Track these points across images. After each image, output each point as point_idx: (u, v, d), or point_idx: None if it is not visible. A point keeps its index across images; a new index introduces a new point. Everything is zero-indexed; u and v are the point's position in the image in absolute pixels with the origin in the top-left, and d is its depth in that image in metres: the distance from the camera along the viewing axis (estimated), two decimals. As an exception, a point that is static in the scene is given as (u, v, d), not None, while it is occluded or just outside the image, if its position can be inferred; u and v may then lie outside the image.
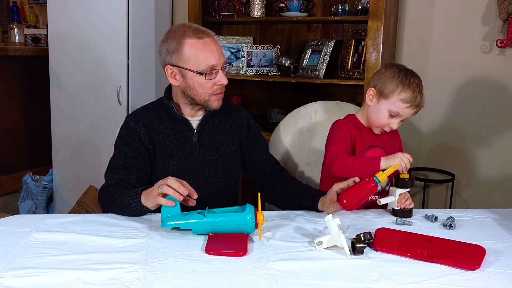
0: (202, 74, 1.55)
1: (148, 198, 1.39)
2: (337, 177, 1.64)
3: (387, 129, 1.63)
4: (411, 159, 1.48)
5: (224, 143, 1.70)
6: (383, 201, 1.52)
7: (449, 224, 1.42)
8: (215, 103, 1.61)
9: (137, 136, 1.61)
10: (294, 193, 1.63)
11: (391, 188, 1.54)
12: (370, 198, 1.64)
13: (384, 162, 1.47)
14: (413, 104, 1.58)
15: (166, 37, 1.59)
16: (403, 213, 1.51)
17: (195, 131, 1.65)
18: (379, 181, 1.41)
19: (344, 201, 1.41)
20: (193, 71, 1.55)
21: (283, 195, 1.67)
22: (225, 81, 1.59)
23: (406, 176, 1.51)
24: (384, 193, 1.67)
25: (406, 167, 1.47)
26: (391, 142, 1.70)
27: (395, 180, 1.53)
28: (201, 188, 1.53)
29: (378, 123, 1.63)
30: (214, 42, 1.57)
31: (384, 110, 1.60)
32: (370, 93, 1.64)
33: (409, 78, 1.59)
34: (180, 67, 1.56)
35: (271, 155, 1.82)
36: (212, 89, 1.58)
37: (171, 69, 1.58)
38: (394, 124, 1.61)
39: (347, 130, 1.65)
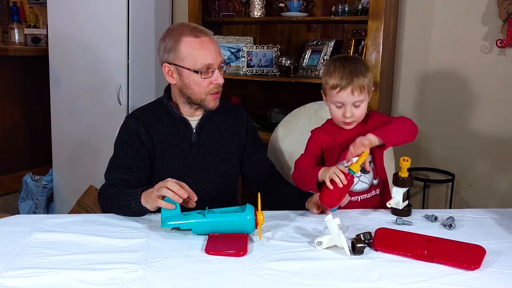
0: (198, 72, 1.55)
1: (148, 200, 1.39)
2: None
3: (347, 120, 1.58)
4: (341, 176, 1.40)
5: (223, 143, 1.70)
6: (392, 202, 1.51)
7: (449, 224, 1.42)
8: (212, 103, 1.62)
9: (137, 136, 1.62)
10: (284, 194, 1.67)
11: (393, 189, 1.54)
12: (361, 198, 1.63)
13: (321, 173, 1.46)
14: (341, 86, 1.52)
15: (165, 35, 1.60)
16: (403, 212, 1.52)
17: (194, 130, 1.66)
18: (353, 172, 1.41)
19: (325, 199, 1.42)
20: (189, 69, 1.55)
21: (275, 196, 1.71)
22: (221, 80, 1.59)
23: (406, 175, 1.51)
24: (374, 187, 1.66)
25: (339, 179, 1.40)
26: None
27: (395, 179, 1.53)
28: (200, 188, 1.53)
29: (335, 119, 1.62)
30: (211, 41, 1.58)
31: (331, 105, 1.60)
32: (323, 97, 1.65)
33: (334, 64, 1.57)
34: (176, 65, 1.57)
35: (268, 158, 1.85)
36: (208, 88, 1.58)
37: (168, 67, 1.59)
38: (347, 112, 1.56)
39: (316, 139, 1.66)
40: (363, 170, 1.60)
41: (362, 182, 1.63)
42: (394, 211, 1.53)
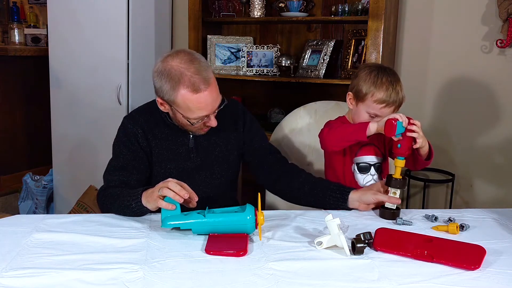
0: (192, 123, 1.54)
1: (149, 200, 1.38)
2: (337, 173, 1.65)
3: None
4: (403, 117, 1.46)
5: (219, 143, 1.69)
6: (387, 205, 1.51)
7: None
8: (201, 132, 1.62)
9: (135, 139, 1.61)
10: (312, 191, 1.60)
11: (390, 189, 1.54)
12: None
13: (372, 124, 1.49)
14: (388, 103, 1.55)
15: (162, 73, 1.48)
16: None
17: (191, 136, 1.64)
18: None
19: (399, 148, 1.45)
20: (183, 115, 1.52)
21: (295, 190, 1.65)
22: (214, 124, 1.56)
23: (399, 176, 1.51)
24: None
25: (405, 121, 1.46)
26: (386, 138, 1.67)
27: (388, 180, 1.52)
28: (198, 190, 1.52)
29: None
30: (210, 94, 1.48)
31: (363, 112, 1.59)
32: (349, 98, 1.64)
33: (381, 78, 1.56)
34: (171, 106, 1.53)
35: (271, 145, 1.80)
36: (200, 128, 1.58)
37: (161, 101, 1.54)
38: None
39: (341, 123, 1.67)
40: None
41: (374, 182, 1.65)
42: (382, 213, 1.51)
